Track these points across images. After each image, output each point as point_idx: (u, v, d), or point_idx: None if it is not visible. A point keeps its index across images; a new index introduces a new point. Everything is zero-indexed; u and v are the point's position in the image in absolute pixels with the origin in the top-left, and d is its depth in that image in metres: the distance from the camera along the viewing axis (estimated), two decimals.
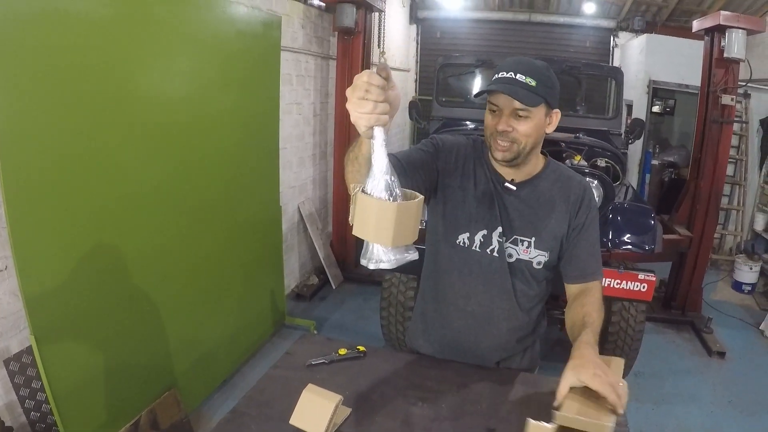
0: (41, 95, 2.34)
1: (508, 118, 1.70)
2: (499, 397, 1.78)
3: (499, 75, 1.70)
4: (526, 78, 1.66)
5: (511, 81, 1.67)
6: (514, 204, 1.87)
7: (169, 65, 3.10)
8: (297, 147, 5.55)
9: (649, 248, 3.83)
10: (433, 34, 10.33)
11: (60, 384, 2.55)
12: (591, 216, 1.89)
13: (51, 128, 2.40)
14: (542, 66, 1.73)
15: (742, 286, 6.55)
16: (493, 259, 1.89)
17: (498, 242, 1.88)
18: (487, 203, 1.87)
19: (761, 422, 3.99)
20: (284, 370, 1.91)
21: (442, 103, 6.01)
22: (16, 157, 2.27)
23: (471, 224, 1.89)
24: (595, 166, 4.20)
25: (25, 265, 2.36)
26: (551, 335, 4.89)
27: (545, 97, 1.70)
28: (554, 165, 1.95)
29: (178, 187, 3.26)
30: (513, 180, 1.88)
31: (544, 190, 1.88)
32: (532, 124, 1.72)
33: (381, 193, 1.23)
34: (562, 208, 1.87)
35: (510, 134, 1.71)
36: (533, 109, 1.69)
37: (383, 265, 1.31)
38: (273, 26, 4.16)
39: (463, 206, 1.89)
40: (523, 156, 1.78)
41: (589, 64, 6.44)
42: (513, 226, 1.87)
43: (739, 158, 7.34)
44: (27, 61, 2.26)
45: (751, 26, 4.86)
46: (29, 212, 2.36)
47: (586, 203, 1.89)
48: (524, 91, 1.66)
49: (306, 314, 5.33)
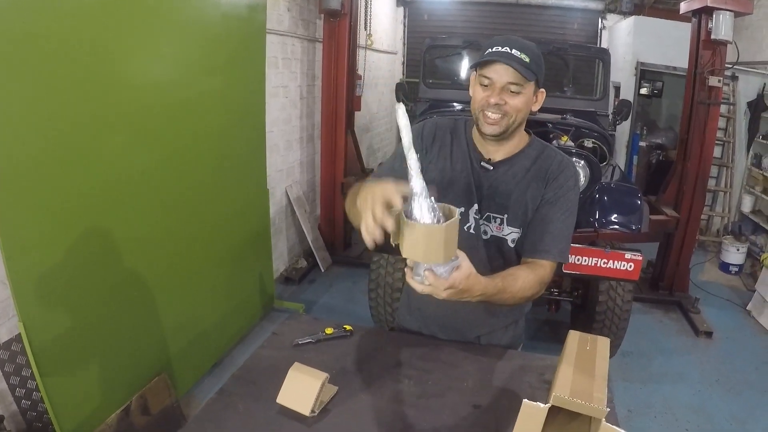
0: (25, 82, 2.30)
1: (500, 91, 1.72)
2: (485, 375, 1.80)
3: (493, 49, 1.71)
4: (521, 54, 1.68)
5: (507, 55, 1.68)
6: (489, 182, 1.88)
7: (152, 49, 3.06)
8: (284, 130, 5.52)
9: (635, 228, 3.85)
10: (421, 16, 10.27)
11: (50, 371, 2.54)
12: (562, 195, 1.86)
13: (36, 115, 2.37)
14: (532, 45, 1.74)
15: (729, 267, 6.61)
16: (470, 236, 1.90)
17: (474, 219, 1.90)
18: (463, 181, 1.89)
19: (748, 401, 4.04)
20: (271, 349, 1.92)
21: (429, 84, 6.00)
22: (1, 145, 2.24)
23: (449, 203, 1.89)
24: (582, 147, 4.21)
25: (13, 253, 2.34)
26: (539, 315, 4.94)
27: (537, 74, 1.73)
28: (537, 144, 1.94)
29: (165, 172, 3.23)
30: (491, 159, 1.89)
31: (521, 169, 1.88)
32: (524, 99, 1.74)
33: (425, 217, 1.36)
34: (538, 185, 1.87)
35: (502, 107, 1.73)
36: (526, 84, 1.72)
37: None
38: (258, 9, 4.12)
39: (444, 186, 1.90)
40: (510, 131, 1.79)
41: (576, 45, 6.47)
42: (485, 203, 1.89)
43: (727, 140, 7.37)
44: (10, 48, 2.22)
45: (738, 8, 4.85)
46: (15, 199, 2.33)
47: (560, 179, 1.86)
48: (520, 66, 1.68)
49: (295, 297, 5.34)
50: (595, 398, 1.35)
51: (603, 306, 4.00)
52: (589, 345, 1.63)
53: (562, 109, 4.98)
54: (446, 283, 1.44)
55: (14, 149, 2.30)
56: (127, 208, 2.95)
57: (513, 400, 1.63)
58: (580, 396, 1.35)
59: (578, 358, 1.54)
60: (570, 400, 1.34)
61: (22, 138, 2.32)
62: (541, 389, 1.72)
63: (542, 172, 1.87)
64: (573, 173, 1.91)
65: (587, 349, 1.60)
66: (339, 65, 5.75)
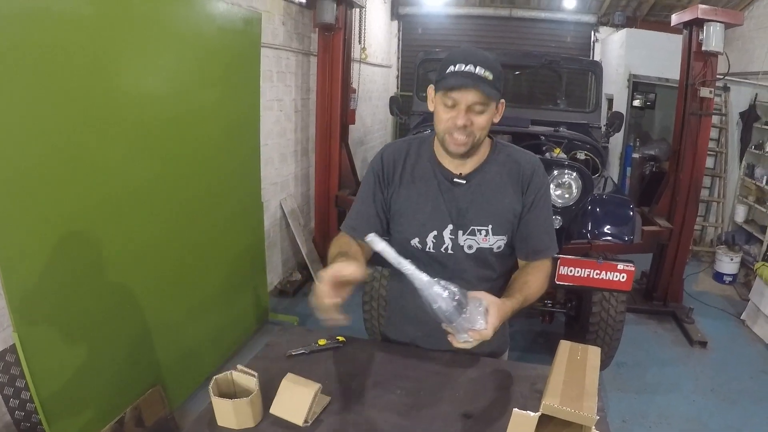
0: (22, 93, 2.33)
1: (466, 112, 1.69)
2: (476, 385, 1.80)
3: (455, 68, 1.67)
4: (485, 72, 1.64)
5: (472, 75, 1.64)
6: (465, 196, 1.87)
7: (149, 62, 3.09)
8: (278, 143, 5.53)
9: (628, 239, 3.87)
10: (415, 30, 10.33)
11: (44, 382, 2.54)
12: (541, 193, 1.89)
13: (33, 126, 2.39)
14: (491, 57, 1.71)
15: (723, 277, 6.63)
16: (448, 256, 1.91)
17: (450, 239, 1.89)
18: (431, 204, 1.89)
19: (743, 410, 4.04)
20: (264, 360, 1.92)
21: (423, 98, 5.99)
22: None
23: (419, 228, 1.90)
24: (574, 159, 4.24)
25: (8, 263, 2.35)
26: (533, 327, 4.94)
27: (500, 90, 1.71)
28: (501, 147, 1.94)
29: (160, 184, 3.25)
30: (461, 174, 1.87)
31: (494, 175, 1.88)
32: (488, 116, 1.73)
33: (443, 304, 1.47)
34: (514, 188, 1.87)
35: (468, 128, 1.71)
36: (490, 102, 1.70)
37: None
38: (253, 23, 4.16)
39: (410, 214, 1.91)
40: (475, 147, 1.79)
41: (568, 58, 6.50)
42: (468, 217, 1.87)
43: (720, 151, 7.41)
44: (8, 59, 2.24)
45: (729, 20, 4.91)
46: (12, 210, 2.35)
47: (536, 181, 1.88)
48: (486, 86, 1.65)
49: (289, 310, 5.34)
50: (584, 407, 1.36)
51: (596, 317, 4.01)
52: (579, 354, 1.64)
53: (554, 122, 5.01)
54: (489, 331, 1.52)
55: (11, 160, 2.32)
56: (122, 220, 2.97)
57: (504, 409, 1.63)
58: (570, 404, 1.36)
59: (569, 368, 1.55)
60: (560, 409, 1.36)
61: (18, 149, 2.34)
62: (533, 398, 1.72)
63: (515, 176, 1.88)
64: (543, 169, 1.93)
65: (578, 358, 1.61)
66: (333, 79, 5.77)
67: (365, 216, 1.97)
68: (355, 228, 1.95)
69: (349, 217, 2.03)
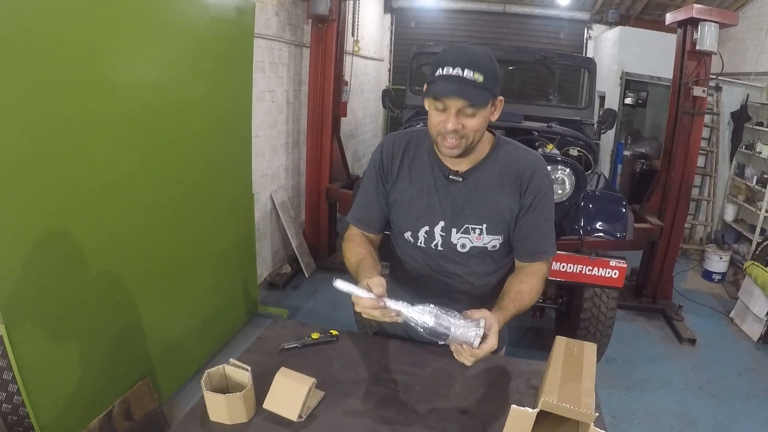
0: (7, 82, 2.27)
1: (456, 116, 1.63)
2: (472, 380, 1.79)
3: (444, 72, 1.60)
4: (474, 74, 1.58)
5: (459, 80, 1.58)
6: (461, 193, 1.84)
7: (138, 52, 3.03)
8: (270, 135, 5.50)
9: (620, 236, 3.86)
10: (408, 23, 10.32)
11: (32, 375, 2.51)
12: (541, 194, 1.85)
13: (19, 116, 2.33)
14: (485, 55, 1.64)
15: (712, 275, 6.66)
16: (439, 253, 1.91)
17: (441, 236, 1.88)
18: (425, 200, 1.87)
19: (731, 407, 4.07)
20: (257, 354, 1.90)
21: (416, 91, 6.00)
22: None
23: (412, 222, 1.90)
24: (567, 155, 4.22)
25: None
26: (523, 322, 4.95)
27: (492, 90, 1.64)
28: (503, 144, 1.89)
29: (149, 175, 3.20)
30: (458, 171, 1.84)
31: (492, 174, 1.84)
32: (481, 119, 1.67)
33: (429, 320, 1.49)
34: (512, 189, 1.84)
35: (459, 131, 1.65)
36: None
37: None
38: (246, 13, 4.11)
39: (405, 207, 1.91)
40: (470, 148, 1.73)
41: (562, 54, 6.48)
42: (462, 215, 1.85)
43: (710, 150, 7.43)
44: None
45: (723, 20, 4.92)
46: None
47: (536, 182, 1.84)
48: (475, 91, 1.60)
49: (279, 303, 5.31)
50: (583, 403, 1.35)
51: (587, 313, 4.02)
52: (576, 350, 1.63)
53: (547, 118, 5.00)
54: (489, 347, 1.51)
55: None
56: (110, 211, 2.92)
57: (500, 405, 1.63)
58: (568, 401, 1.35)
59: (565, 364, 1.54)
60: (559, 405, 1.35)
61: (2, 139, 2.28)
62: (528, 394, 1.72)
63: (514, 177, 1.84)
64: (545, 170, 1.88)
65: (574, 354, 1.61)
66: (326, 71, 5.75)
67: (370, 209, 1.99)
68: (362, 221, 2.01)
69: (355, 208, 2.04)
